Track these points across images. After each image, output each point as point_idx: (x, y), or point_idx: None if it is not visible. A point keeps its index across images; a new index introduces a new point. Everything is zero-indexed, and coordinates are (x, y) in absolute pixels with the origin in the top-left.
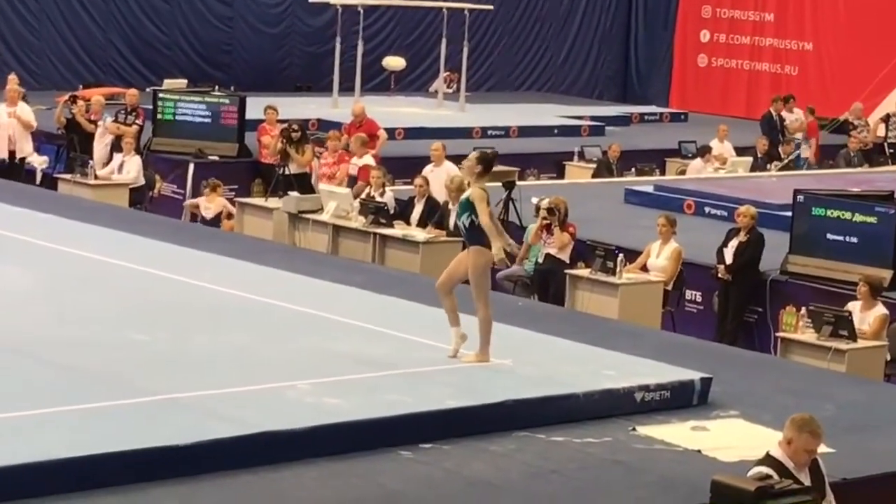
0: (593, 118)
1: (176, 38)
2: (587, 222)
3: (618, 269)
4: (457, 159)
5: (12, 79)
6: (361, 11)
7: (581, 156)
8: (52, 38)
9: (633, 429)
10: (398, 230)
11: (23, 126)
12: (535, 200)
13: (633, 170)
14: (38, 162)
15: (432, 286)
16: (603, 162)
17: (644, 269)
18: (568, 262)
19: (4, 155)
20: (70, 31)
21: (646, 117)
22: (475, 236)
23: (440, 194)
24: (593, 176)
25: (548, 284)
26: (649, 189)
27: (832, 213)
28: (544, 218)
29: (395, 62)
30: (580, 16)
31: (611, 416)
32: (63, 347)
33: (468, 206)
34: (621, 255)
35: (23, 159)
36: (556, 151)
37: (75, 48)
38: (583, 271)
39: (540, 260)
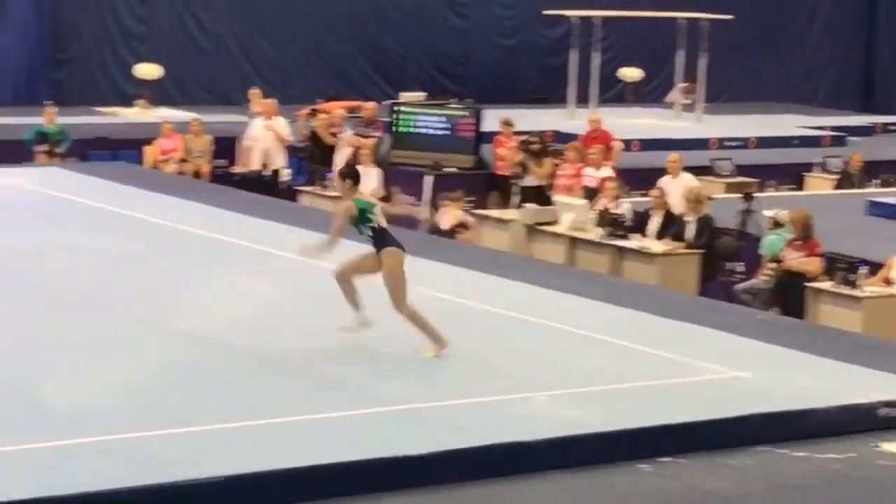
0: (834, 128)
1: (413, 51)
2: (828, 234)
3: (859, 282)
4: (694, 171)
5: (255, 93)
6: (597, 23)
7: (822, 167)
8: (293, 52)
9: (877, 445)
10: (635, 242)
11: (277, 140)
12: (769, 213)
13: (876, 181)
14: (283, 174)
15: (672, 300)
16: (843, 173)
17: (887, 282)
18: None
19: (258, 167)
20: (310, 45)
21: (889, 127)
22: (381, 241)
23: (677, 206)
24: (836, 187)
25: (786, 297)
26: (894, 201)
27: None
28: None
29: (631, 73)
30: (821, 25)
31: (853, 433)
32: (304, 357)
33: (361, 219)
34: (865, 268)
35: (276, 171)
36: (795, 163)
37: (315, 62)
38: (824, 284)
39: None
